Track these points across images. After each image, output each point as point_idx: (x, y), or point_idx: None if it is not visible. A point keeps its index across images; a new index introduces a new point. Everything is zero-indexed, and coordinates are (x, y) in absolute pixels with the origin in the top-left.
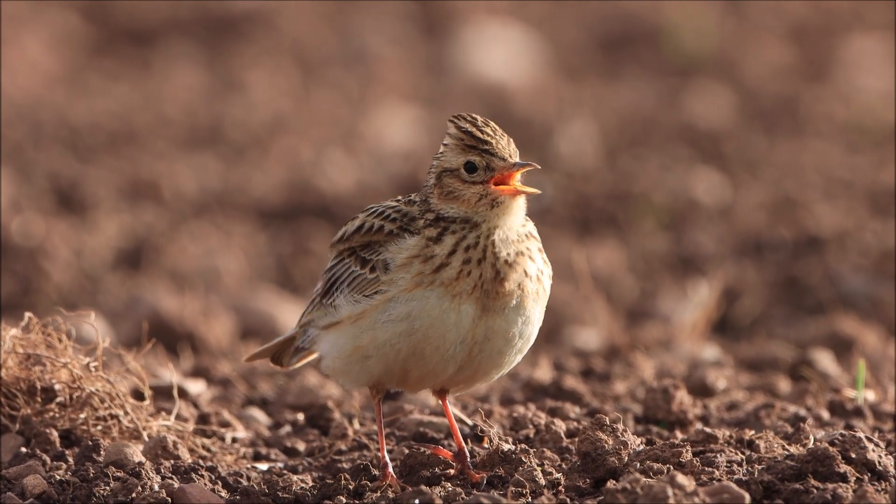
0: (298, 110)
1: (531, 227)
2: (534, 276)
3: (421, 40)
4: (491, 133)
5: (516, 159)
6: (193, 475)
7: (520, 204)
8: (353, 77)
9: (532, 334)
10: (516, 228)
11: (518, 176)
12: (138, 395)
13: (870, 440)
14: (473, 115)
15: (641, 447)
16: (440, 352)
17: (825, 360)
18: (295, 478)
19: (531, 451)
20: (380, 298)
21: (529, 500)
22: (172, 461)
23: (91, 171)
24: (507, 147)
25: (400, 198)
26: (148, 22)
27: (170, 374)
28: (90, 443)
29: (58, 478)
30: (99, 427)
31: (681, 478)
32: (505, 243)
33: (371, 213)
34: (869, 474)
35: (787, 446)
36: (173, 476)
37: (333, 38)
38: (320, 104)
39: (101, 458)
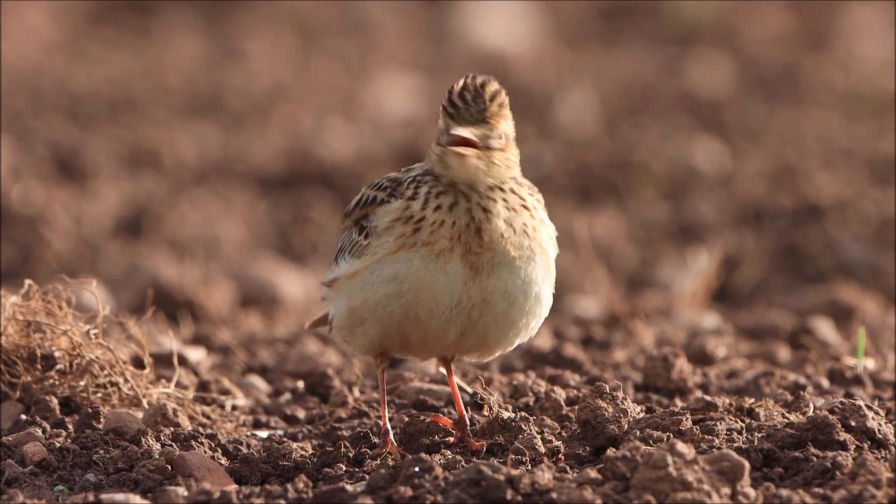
0: (298, 78)
1: (526, 190)
2: (518, 230)
3: (421, 8)
4: (468, 99)
5: (464, 132)
6: (193, 442)
7: (475, 166)
8: (354, 45)
9: (541, 295)
10: (489, 183)
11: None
12: (138, 362)
13: (869, 408)
14: (471, 79)
15: (641, 415)
16: (435, 315)
17: (825, 329)
18: (295, 445)
19: (531, 418)
20: (369, 260)
21: (529, 467)
22: (172, 428)
23: (91, 138)
24: (473, 117)
25: (403, 168)
26: None
27: (170, 342)
28: (90, 410)
29: (57, 445)
30: (99, 394)
31: (680, 446)
32: (474, 189)
33: (370, 185)
34: (868, 442)
35: (786, 414)
36: (173, 443)
37: (333, 6)
38: (320, 72)
39: (100, 426)
